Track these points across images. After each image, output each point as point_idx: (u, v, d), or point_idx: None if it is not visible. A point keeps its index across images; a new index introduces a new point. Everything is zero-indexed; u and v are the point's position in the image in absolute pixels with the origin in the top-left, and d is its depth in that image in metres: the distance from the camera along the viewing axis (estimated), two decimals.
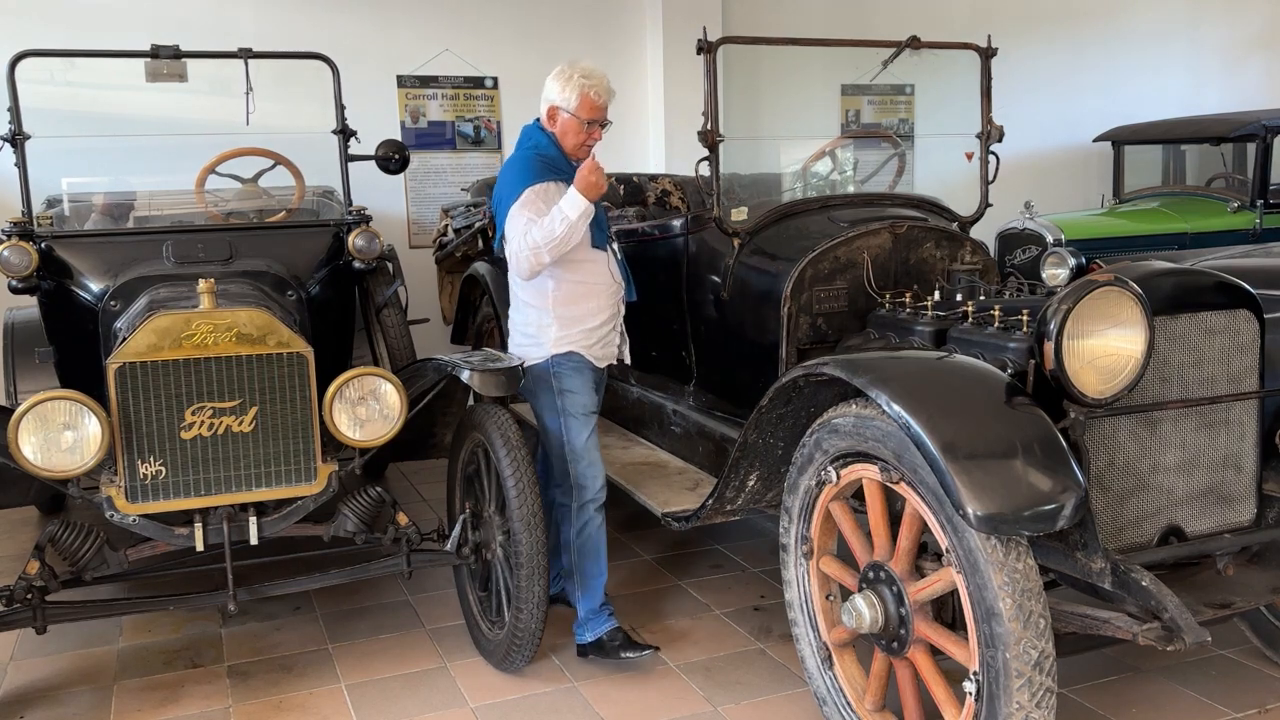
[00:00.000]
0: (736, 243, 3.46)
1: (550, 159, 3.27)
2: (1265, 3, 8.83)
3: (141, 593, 3.55)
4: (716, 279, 3.58)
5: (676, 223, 3.87)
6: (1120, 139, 7.49)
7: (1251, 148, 6.71)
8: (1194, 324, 2.55)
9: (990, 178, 3.79)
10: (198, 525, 2.97)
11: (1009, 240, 6.55)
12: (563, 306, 3.32)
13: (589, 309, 3.35)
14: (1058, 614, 2.34)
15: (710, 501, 3.16)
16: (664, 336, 3.95)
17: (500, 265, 5.36)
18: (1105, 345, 2.35)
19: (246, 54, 4.05)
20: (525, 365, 3.30)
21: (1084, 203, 7.76)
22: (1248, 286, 2.63)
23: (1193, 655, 3.25)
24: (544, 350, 3.33)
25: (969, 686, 2.30)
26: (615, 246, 3.48)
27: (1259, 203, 6.64)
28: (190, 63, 4.05)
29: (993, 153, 3.78)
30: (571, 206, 3.11)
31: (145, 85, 4.17)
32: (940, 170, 6.30)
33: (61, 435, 2.77)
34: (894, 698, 2.63)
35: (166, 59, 3.95)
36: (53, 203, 4.63)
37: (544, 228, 3.13)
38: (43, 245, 3.65)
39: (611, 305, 3.41)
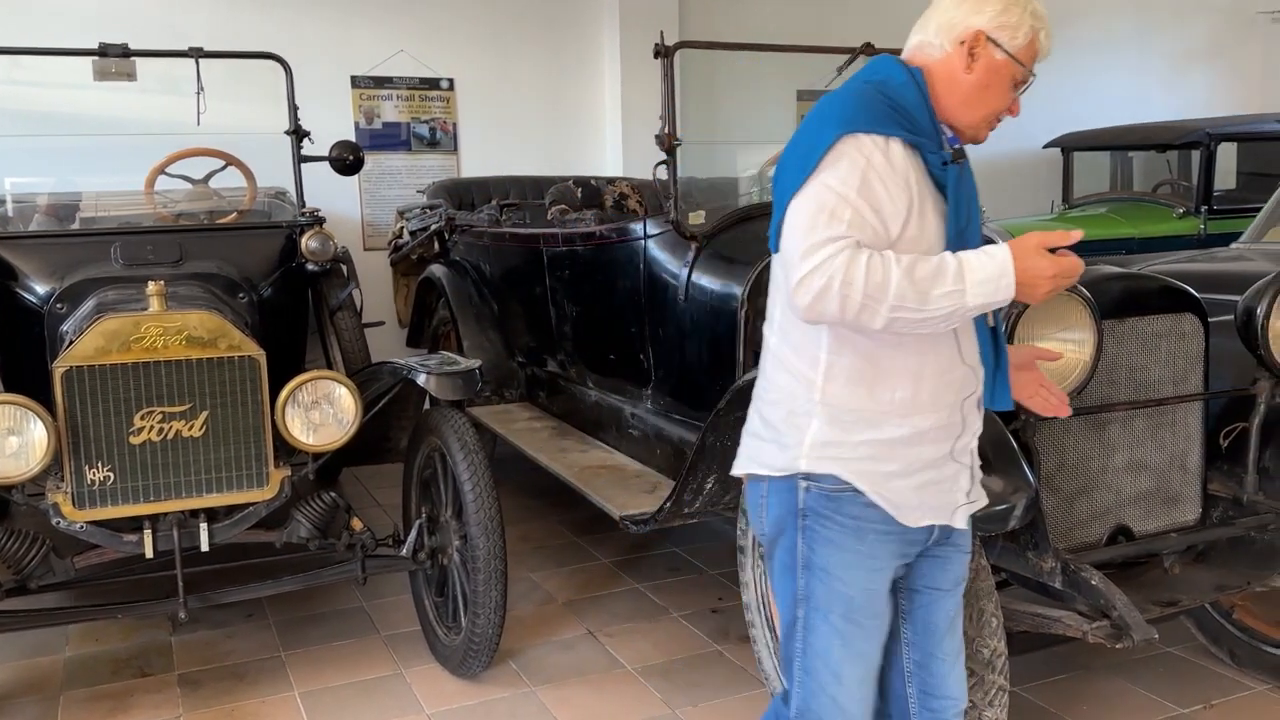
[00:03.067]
0: (694, 246, 3.47)
1: (904, 104, 1.78)
2: (1209, 15, 9.05)
3: (89, 601, 3.47)
4: (674, 282, 3.59)
5: (634, 226, 3.88)
6: (1069, 146, 7.63)
7: (1196, 155, 6.85)
8: (1141, 327, 2.60)
9: None
10: (147, 531, 2.92)
11: None
12: (842, 387, 1.79)
13: (897, 403, 1.79)
14: (1010, 613, 2.38)
15: (668, 504, 3.16)
16: (622, 340, 3.95)
17: (457, 268, 5.35)
18: (1055, 348, 2.39)
19: (198, 53, 4.00)
20: (755, 475, 1.90)
21: (1034, 208, 7.88)
22: (1192, 290, 2.69)
23: (1141, 652, 3.31)
24: (788, 455, 1.82)
25: None
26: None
27: (1203, 209, 6.78)
28: (140, 61, 3.98)
29: None
30: (982, 284, 1.65)
31: (92, 84, 4.09)
32: None
33: (5, 440, 2.71)
34: None
35: (115, 57, 3.89)
36: None
37: (902, 278, 1.62)
38: None
39: (954, 408, 1.83)
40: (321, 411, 3.01)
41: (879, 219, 1.69)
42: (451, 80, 6.64)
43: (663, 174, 3.44)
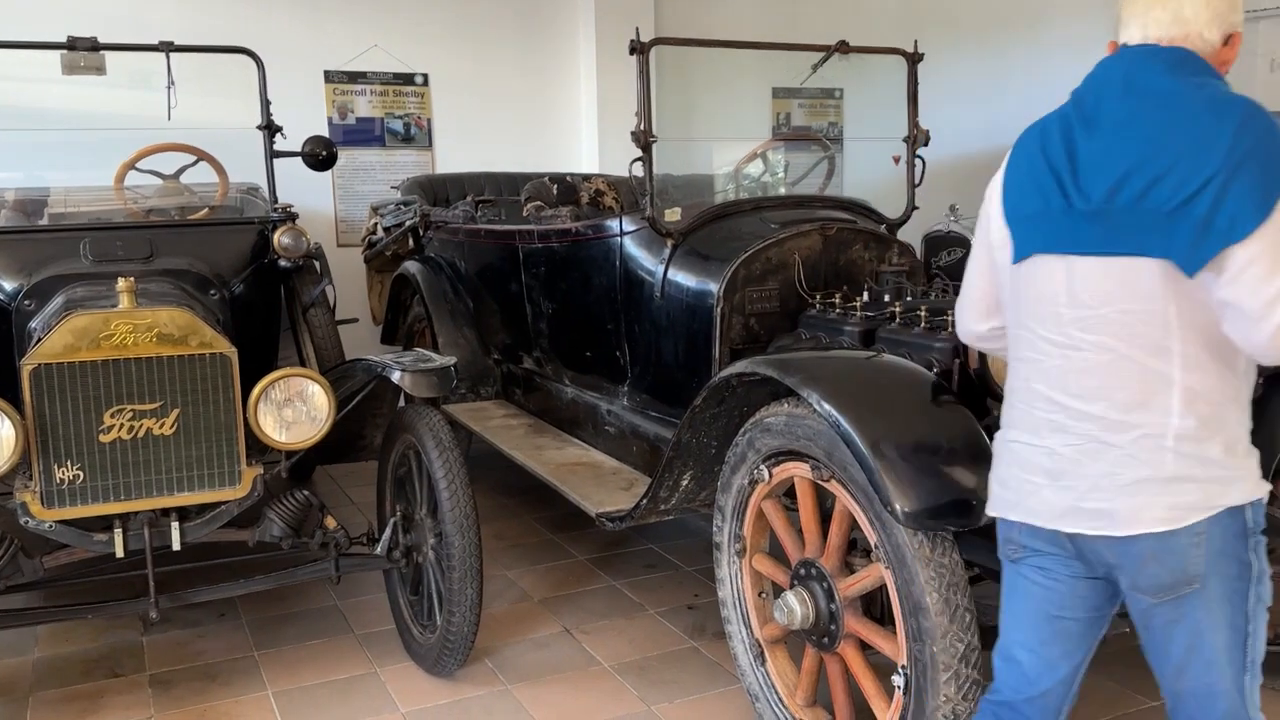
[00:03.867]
0: (670, 243, 3.48)
1: None
2: None
3: (58, 601, 3.43)
4: (650, 279, 3.59)
5: (610, 223, 3.87)
6: None
7: None
8: None
9: (917, 181, 3.86)
10: (118, 531, 2.89)
11: (935, 242, 6.68)
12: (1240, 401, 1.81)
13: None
14: (983, 607, 2.39)
15: (644, 501, 3.16)
16: (598, 337, 3.95)
17: (432, 265, 5.33)
18: None
19: (168, 47, 3.96)
20: (1196, 526, 1.73)
21: None
22: None
23: (1113, 646, 3.34)
24: (1243, 486, 1.75)
25: (897, 680, 2.34)
26: None
27: None
28: (109, 55, 3.94)
29: (919, 156, 3.85)
30: None
31: (61, 78, 4.04)
32: (868, 173, 6.40)
33: None
34: (825, 693, 2.67)
35: (84, 51, 3.84)
36: None
37: None
38: None
39: None
40: (294, 409, 2.99)
41: None
42: (426, 75, 6.61)
43: (638, 171, 3.44)
